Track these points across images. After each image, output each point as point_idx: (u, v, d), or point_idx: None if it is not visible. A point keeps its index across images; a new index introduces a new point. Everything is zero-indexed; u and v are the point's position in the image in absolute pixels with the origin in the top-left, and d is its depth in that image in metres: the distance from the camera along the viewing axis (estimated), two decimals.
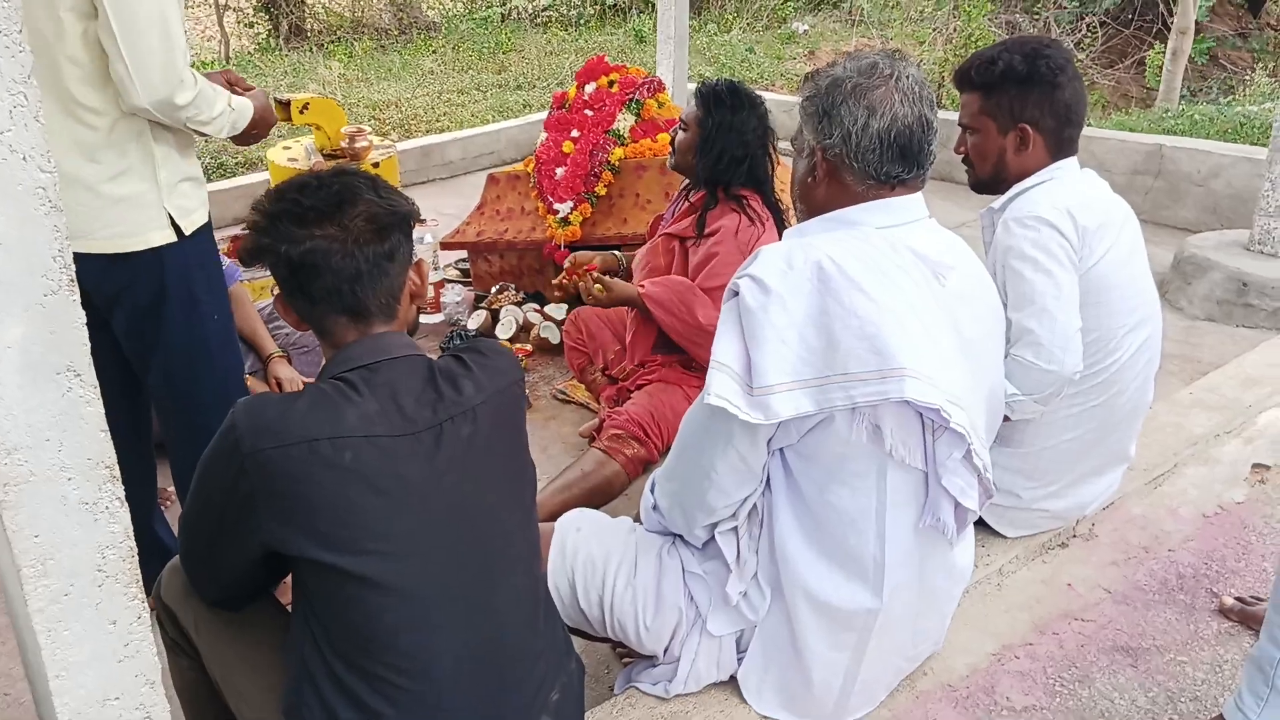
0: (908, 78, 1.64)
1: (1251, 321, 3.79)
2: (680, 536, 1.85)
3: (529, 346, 3.74)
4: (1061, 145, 2.12)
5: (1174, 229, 4.83)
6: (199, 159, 2.33)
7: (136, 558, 1.30)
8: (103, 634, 1.28)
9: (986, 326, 1.74)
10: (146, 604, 1.32)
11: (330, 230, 1.45)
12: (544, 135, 3.98)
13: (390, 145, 4.13)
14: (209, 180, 5.79)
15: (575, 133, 3.84)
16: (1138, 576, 2.33)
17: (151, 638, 1.34)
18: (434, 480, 1.42)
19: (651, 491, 1.88)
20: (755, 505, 1.73)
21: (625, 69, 3.94)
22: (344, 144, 3.87)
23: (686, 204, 3.01)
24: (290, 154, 3.94)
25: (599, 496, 2.81)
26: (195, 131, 2.08)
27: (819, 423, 1.59)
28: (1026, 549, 2.32)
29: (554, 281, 3.12)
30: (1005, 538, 2.32)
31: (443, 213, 5.22)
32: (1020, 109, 2.09)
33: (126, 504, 1.27)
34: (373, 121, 7.94)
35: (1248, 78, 9.14)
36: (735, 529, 1.76)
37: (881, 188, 1.66)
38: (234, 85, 2.24)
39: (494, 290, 4.04)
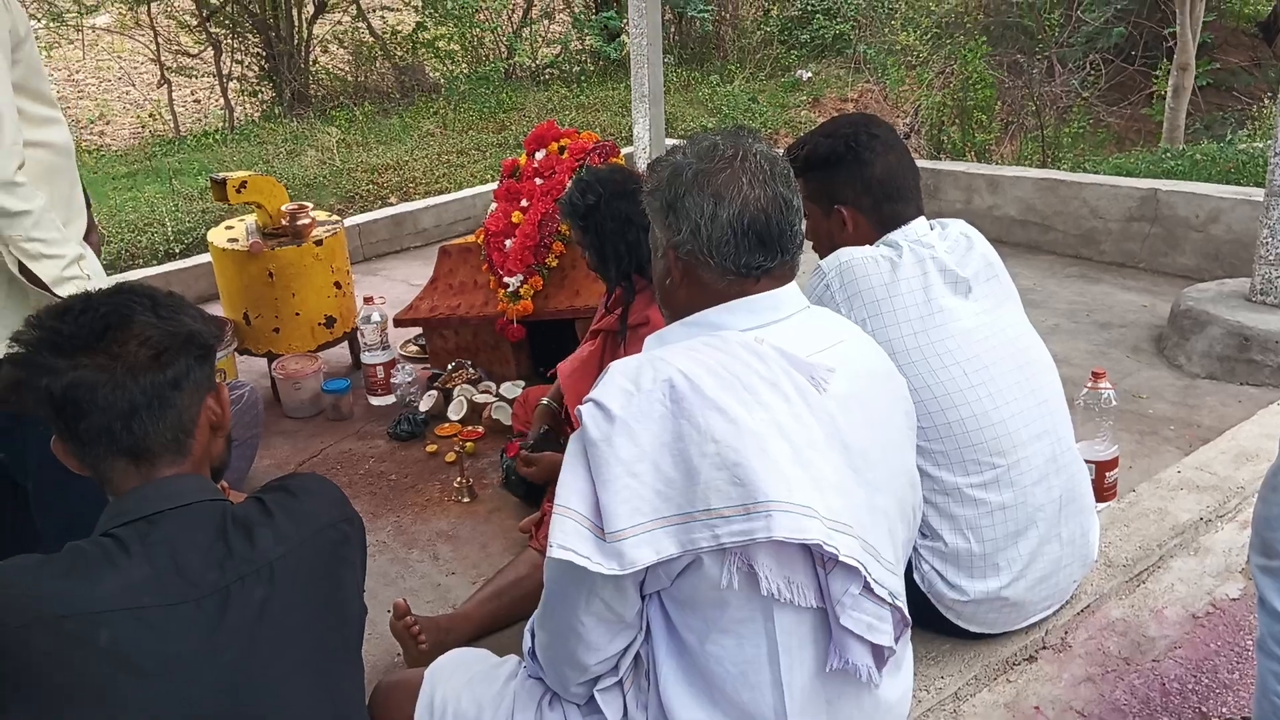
0: (755, 156, 1.43)
1: (1256, 379, 3.50)
2: None
3: (480, 429, 3.54)
4: (886, 220, 2.01)
5: (1174, 277, 4.56)
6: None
7: None
8: None
9: (883, 427, 1.50)
10: None
11: (97, 359, 1.25)
12: (494, 205, 3.81)
13: (336, 222, 3.96)
14: (138, 264, 5.66)
15: (525, 202, 3.66)
16: (1116, 695, 2.06)
17: None
18: (210, 658, 1.20)
19: (531, 635, 1.65)
20: (639, 655, 1.50)
21: (577, 134, 3.76)
22: (285, 221, 3.71)
23: (603, 310, 2.83)
24: (231, 234, 3.79)
25: (532, 604, 2.57)
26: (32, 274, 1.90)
27: (688, 565, 1.36)
28: (988, 667, 2.05)
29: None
30: (967, 642, 2.06)
31: (413, 284, 5.06)
32: (832, 191, 2.02)
33: None
34: (370, 186, 7.85)
35: (1258, 110, 8.85)
36: (620, 682, 1.53)
37: (745, 282, 1.45)
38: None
39: (449, 368, 3.85)
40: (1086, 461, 2.22)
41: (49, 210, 1.91)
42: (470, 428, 3.55)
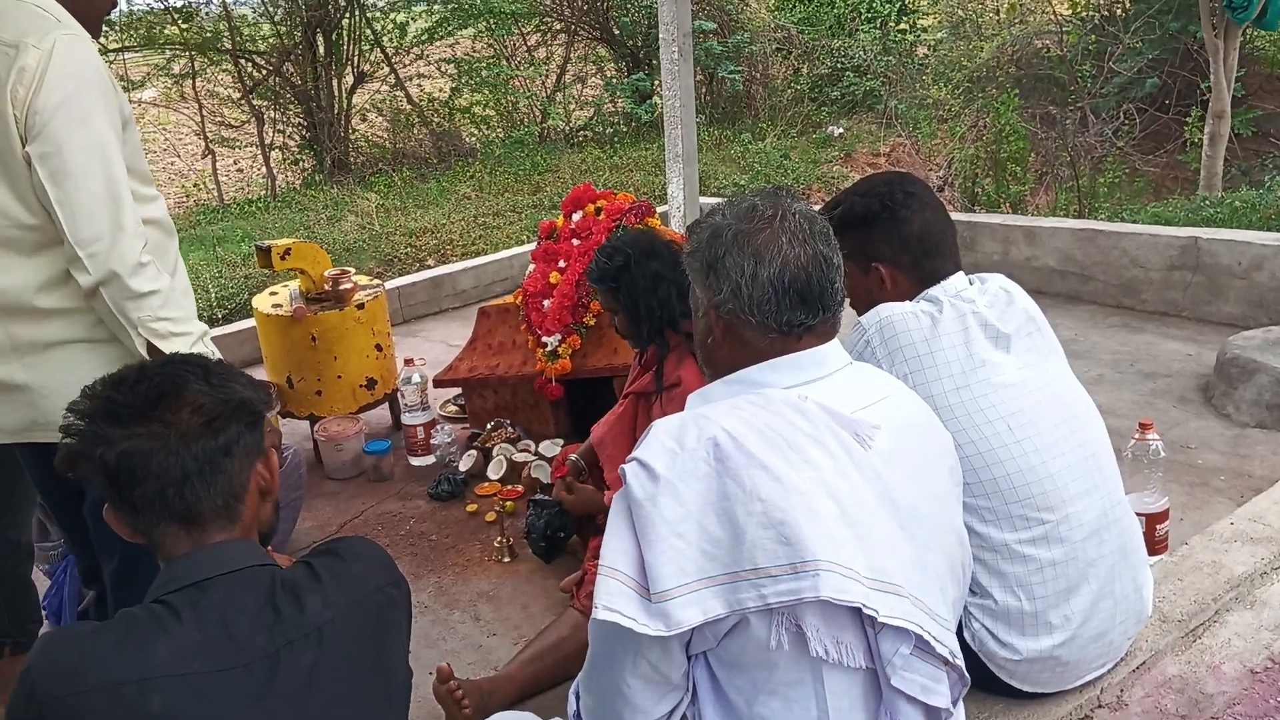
0: (794, 215, 1.45)
1: None
2: None
3: (520, 488, 3.55)
4: (925, 276, 2.01)
5: (1218, 325, 4.51)
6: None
7: None
8: None
9: (929, 483, 1.49)
10: None
11: (151, 427, 1.28)
12: (531, 266, 3.85)
13: (377, 285, 4.03)
14: None
15: (562, 263, 3.70)
16: None
17: None
18: None
19: (576, 697, 1.64)
20: (685, 717, 1.48)
21: (612, 195, 3.81)
22: (328, 287, 3.78)
23: (638, 367, 2.87)
24: (275, 299, 3.86)
25: (575, 665, 2.55)
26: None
27: (735, 626, 1.35)
28: None
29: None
30: (1021, 702, 2.02)
31: (452, 344, 5.11)
32: (870, 249, 2.02)
33: None
34: (409, 249, 7.97)
35: None
36: None
37: (787, 340, 1.45)
38: None
39: (489, 427, 3.88)
40: (1136, 514, 2.18)
41: (174, 289, 1.94)
42: (510, 487, 3.56)
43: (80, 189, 1.82)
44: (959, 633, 1.96)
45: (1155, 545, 2.57)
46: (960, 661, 1.43)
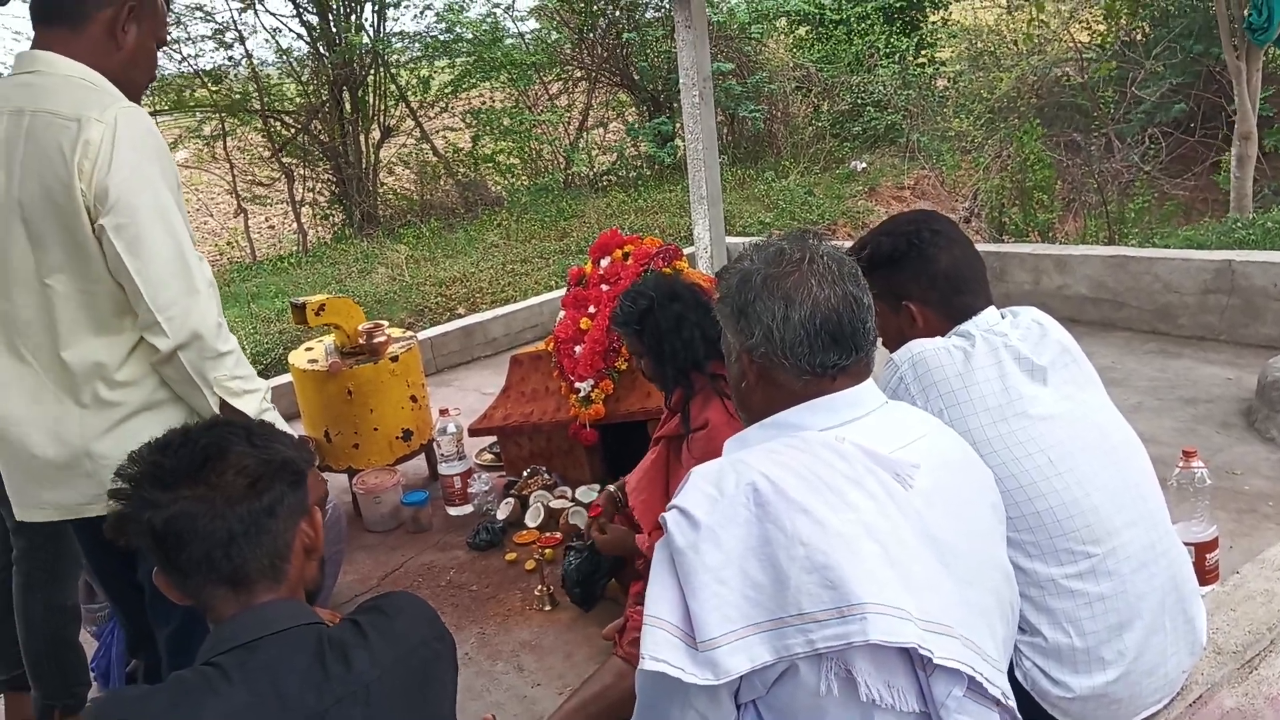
0: (822, 257, 1.46)
1: None
2: None
3: (558, 534, 3.54)
4: (955, 313, 1.99)
5: (1258, 348, 4.44)
6: None
7: None
8: None
9: (969, 519, 1.48)
10: None
11: (197, 490, 1.30)
12: (562, 313, 3.88)
13: (411, 337, 4.07)
14: None
15: (592, 309, 3.73)
16: None
17: None
18: None
19: None
20: None
21: (640, 239, 3.84)
22: (362, 340, 3.82)
23: (668, 411, 2.88)
24: (311, 355, 3.91)
25: (620, 713, 2.54)
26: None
27: (784, 673, 1.33)
28: None
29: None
30: None
31: (485, 393, 5.14)
32: (899, 288, 2.01)
33: None
34: (440, 299, 8.03)
35: None
36: None
37: (821, 381, 1.45)
38: None
39: (525, 475, 3.88)
40: (1185, 544, 2.14)
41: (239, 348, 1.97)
42: (548, 534, 3.55)
43: (155, 256, 1.84)
44: (1010, 672, 1.93)
45: (1206, 575, 2.52)
46: (1012, 702, 1.41)
